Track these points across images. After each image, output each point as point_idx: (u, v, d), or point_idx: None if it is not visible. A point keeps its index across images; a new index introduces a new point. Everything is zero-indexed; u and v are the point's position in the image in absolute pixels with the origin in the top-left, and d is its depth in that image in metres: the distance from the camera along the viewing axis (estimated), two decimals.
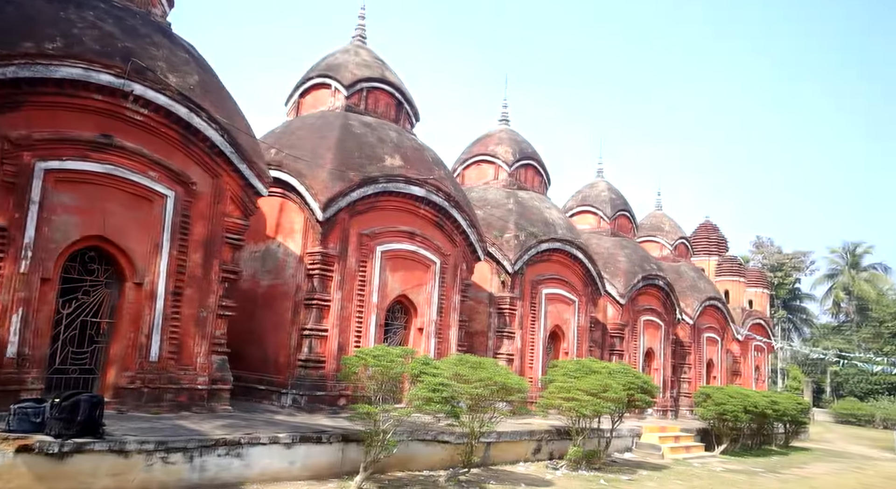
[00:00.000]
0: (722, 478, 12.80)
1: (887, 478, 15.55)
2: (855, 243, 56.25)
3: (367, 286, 11.64)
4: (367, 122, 12.97)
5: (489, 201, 16.24)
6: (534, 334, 15.33)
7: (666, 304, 20.68)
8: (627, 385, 12.25)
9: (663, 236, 24.98)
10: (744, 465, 15.27)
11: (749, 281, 28.87)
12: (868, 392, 45.15)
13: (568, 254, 16.20)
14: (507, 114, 18.88)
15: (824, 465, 17.36)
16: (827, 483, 13.85)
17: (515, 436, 11.69)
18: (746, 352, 26.87)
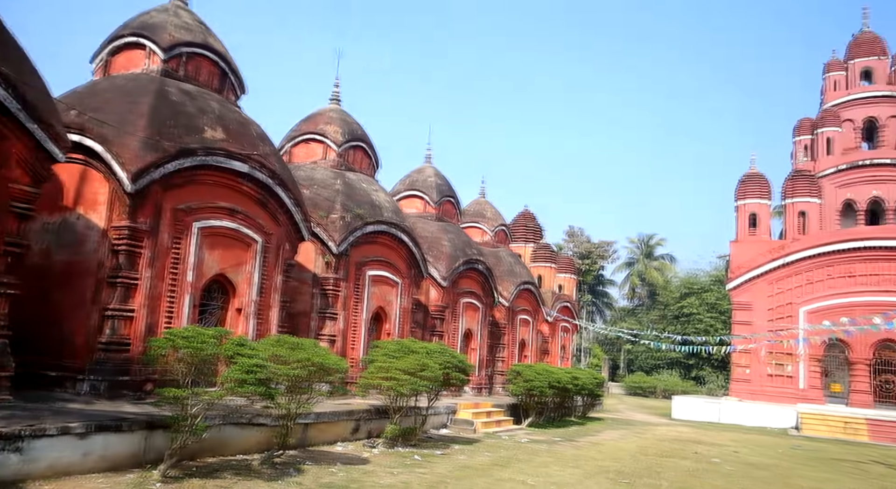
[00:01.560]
0: (526, 448, 13.90)
1: (659, 440, 17.87)
2: (649, 235, 63.38)
3: (182, 264, 10.98)
4: (186, 90, 12.14)
5: (316, 181, 16.00)
6: (357, 315, 15.44)
7: (485, 288, 21.83)
8: (444, 364, 12.82)
9: (485, 223, 26.28)
10: (546, 436, 16.68)
11: (560, 267, 31.34)
12: (654, 367, 51.28)
13: (394, 237, 16.49)
14: (338, 93, 18.66)
15: (612, 432, 19.51)
16: (612, 447, 15.59)
17: (334, 416, 11.76)
18: (555, 333, 29.23)
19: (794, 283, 28.12)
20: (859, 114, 32.04)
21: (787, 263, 28.19)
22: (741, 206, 30.57)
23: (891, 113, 31.39)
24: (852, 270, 27.15)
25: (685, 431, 21.35)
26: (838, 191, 30.61)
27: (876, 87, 32.12)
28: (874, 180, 30.06)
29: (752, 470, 13.30)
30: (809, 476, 13.14)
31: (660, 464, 12.95)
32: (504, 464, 11.45)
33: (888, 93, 31.61)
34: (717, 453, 15.71)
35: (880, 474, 14.30)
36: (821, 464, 15.36)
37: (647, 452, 14.90)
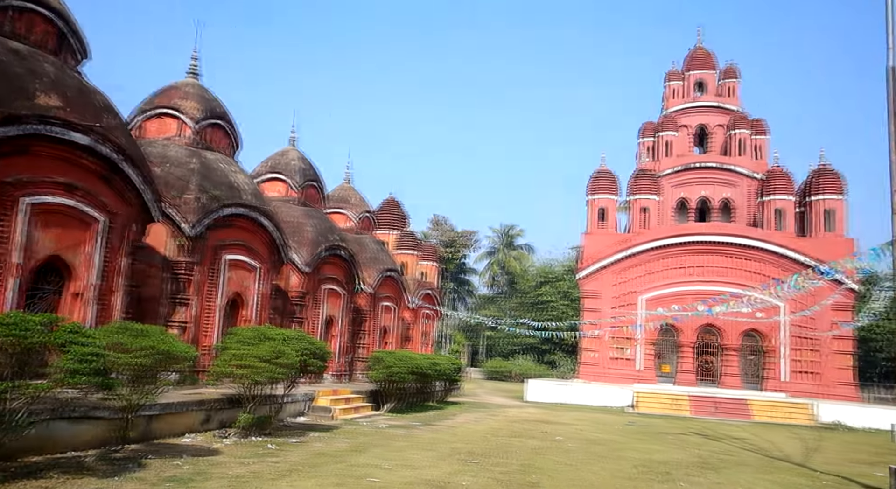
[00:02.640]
0: (384, 434, 14.07)
1: (511, 422, 18.82)
2: (509, 225, 66.04)
3: (8, 244, 9.90)
4: (15, 49, 10.90)
5: (170, 159, 15.07)
6: (212, 301, 14.79)
7: (348, 274, 21.72)
8: (302, 351, 12.64)
9: (350, 209, 26.10)
10: (405, 421, 16.99)
11: (423, 255, 31.86)
12: (511, 352, 53.69)
13: (253, 221, 15.94)
14: (197, 67, 17.64)
15: (469, 415, 20.26)
16: (467, 429, 16.21)
17: (182, 407, 11.22)
18: (417, 320, 29.72)
19: (636, 274, 30.65)
20: (693, 121, 35.47)
21: (630, 255, 30.64)
22: (592, 200, 32.73)
23: (718, 122, 35.06)
24: (684, 262, 30.08)
25: (536, 413, 22.61)
26: (674, 190, 33.76)
27: (706, 98, 35.69)
28: (703, 181, 33.52)
29: (591, 445, 14.39)
30: (639, 448, 14.46)
31: (509, 444, 13.65)
32: (361, 449, 11.54)
33: (715, 103, 35.26)
34: (562, 432, 16.81)
35: (696, 444, 16.05)
36: (649, 437, 16.93)
37: (498, 433, 15.63)
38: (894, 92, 11.49)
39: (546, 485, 9.36)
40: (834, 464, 13.78)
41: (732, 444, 16.34)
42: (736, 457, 14.02)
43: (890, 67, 11.60)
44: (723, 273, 29.53)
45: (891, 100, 11.65)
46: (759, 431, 20.34)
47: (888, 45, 11.50)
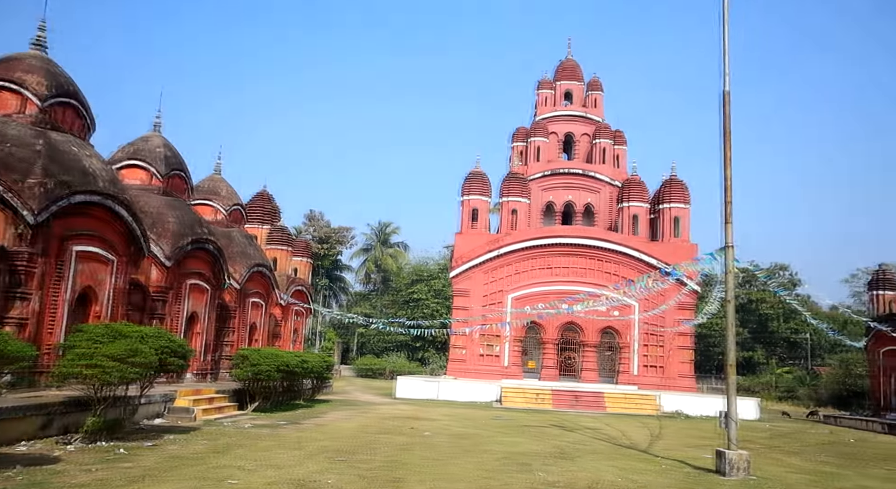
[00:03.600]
0: (248, 434, 13.63)
1: (381, 419, 18.91)
2: (386, 223, 66.12)
3: None
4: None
5: (10, 138, 13.64)
6: (58, 296, 13.58)
7: (214, 269, 20.78)
8: (161, 349, 11.95)
9: (219, 201, 24.98)
10: (271, 420, 16.55)
11: (296, 250, 31.14)
12: (384, 349, 53.77)
13: (108, 210, 14.81)
14: (44, 38, 16.08)
15: (338, 413, 20.09)
16: (335, 427, 16.08)
17: (16, 411, 10.24)
18: (288, 317, 29.01)
19: (505, 273, 31.82)
20: (561, 128, 37.42)
21: (499, 255, 31.75)
22: (465, 201, 33.57)
23: (583, 130, 37.24)
24: (550, 263, 31.65)
25: (405, 409, 22.83)
26: (543, 193, 35.43)
27: (574, 108, 37.80)
28: (569, 186, 35.48)
29: (457, 440, 14.79)
30: (503, 441, 15.06)
31: (377, 441, 13.72)
32: (222, 451, 11.12)
33: (581, 113, 37.45)
34: (430, 427, 17.13)
35: (555, 435, 16.99)
36: (513, 430, 17.68)
37: (367, 431, 15.65)
38: (726, 114, 12.82)
39: (410, 479, 9.52)
40: (672, 449, 15.13)
41: (587, 435, 17.44)
42: (589, 446, 14.99)
43: (723, 92, 12.92)
44: (584, 274, 31.40)
45: (725, 121, 12.98)
46: (612, 421, 21.85)
47: (722, 71, 12.80)
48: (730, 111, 13.00)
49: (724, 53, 13.05)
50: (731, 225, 13.00)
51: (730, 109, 13.00)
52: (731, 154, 12.98)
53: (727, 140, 13.00)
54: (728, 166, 12.95)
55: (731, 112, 12.96)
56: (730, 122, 12.99)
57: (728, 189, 12.94)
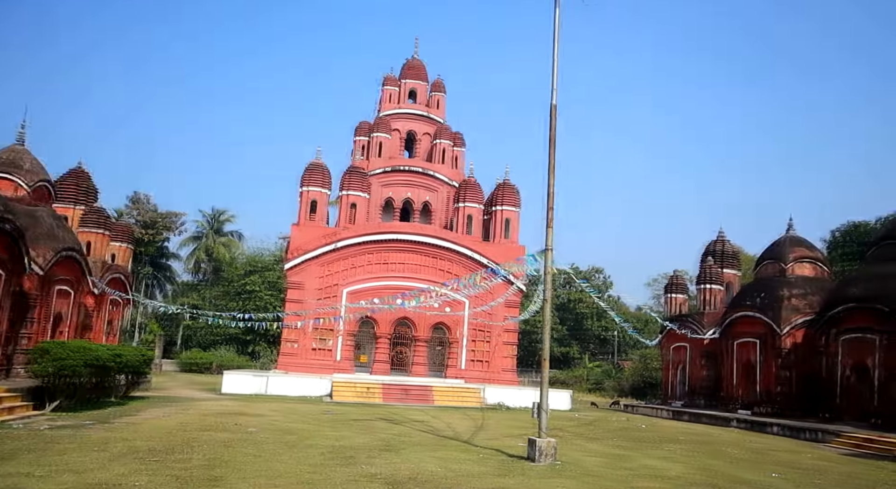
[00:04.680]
0: (43, 436, 12.38)
1: (203, 415, 18.02)
2: (221, 210, 62.78)
3: None
4: None
5: None
6: None
7: (13, 252, 18.48)
8: None
9: (22, 175, 22.31)
10: (75, 420, 15.15)
11: (115, 235, 28.66)
12: (212, 343, 51.08)
13: None
14: None
15: (155, 410, 18.85)
16: (150, 426, 15.10)
17: None
18: (102, 307, 26.62)
19: (342, 267, 31.69)
20: (404, 126, 38.02)
21: (336, 248, 31.57)
22: (305, 192, 32.93)
23: (425, 130, 38.14)
24: (386, 258, 32.04)
25: (231, 405, 21.97)
26: (383, 189, 35.76)
27: (417, 106, 38.56)
28: (409, 184, 36.16)
29: (284, 435, 14.55)
30: (330, 435, 15.07)
31: (197, 439, 13.11)
32: (8, 457, 10.01)
33: (424, 113, 38.32)
34: (256, 423, 16.67)
35: (382, 428, 17.32)
36: (341, 424, 17.73)
37: (186, 428, 14.88)
38: (553, 126, 13.89)
39: (231, 478, 9.26)
40: (492, 439, 16.08)
41: (413, 427, 17.97)
42: (414, 438, 15.48)
43: (552, 105, 13.97)
44: (419, 270, 32.17)
45: (552, 132, 14.03)
46: (439, 414, 22.67)
47: (552, 86, 13.84)
48: (556, 123, 14.07)
49: (553, 70, 14.08)
50: (552, 229, 14.08)
51: (556, 122, 14.06)
52: (555, 162, 14.04)
53: (552, 150, 14.06)
54: (552, 174, 14.01)
55: (556, 124, 14.03)
56: (555, 133, 14.06)
57: (551, 196, 14.00)
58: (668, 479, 11.66)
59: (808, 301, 27.41)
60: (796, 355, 26.92)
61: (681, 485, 11.09)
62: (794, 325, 27.04)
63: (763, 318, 27.91)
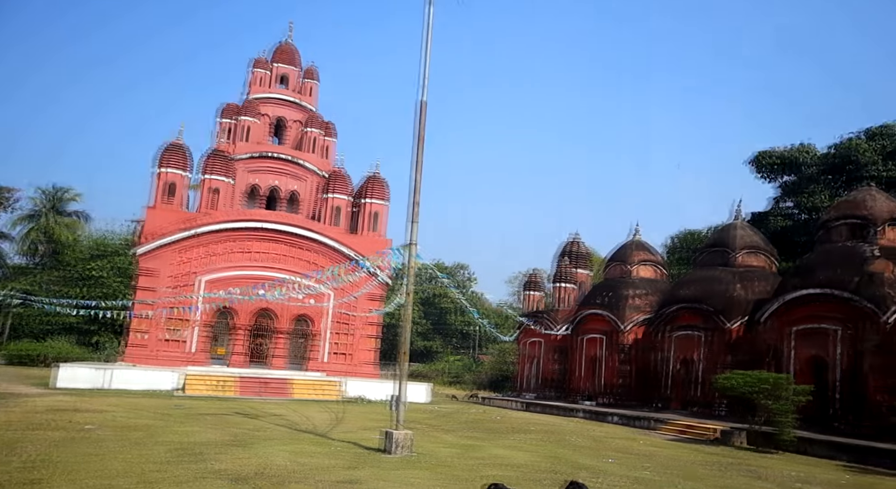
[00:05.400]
0: None
1: (31, 413, 16.40)
2: (63, 188, 57.12)
3: None
4: None
5: None
6: None
7: None
8: None
9: None
10: None
11: None
12: (47, 332, 46.49)
13: None
14: None
15: None
16: None
17: None
18: None
19: (199, 254, 30.14)
20: (273, 111, 36.79)
21: (195, 235, 29.96)
22: (162, 173, 30.92)
23: (296, 117, 37.16)
24: (249, 247, 30.90)
25: (66, 400, 20.21)
26: (248, 175, 34.41)
27: (288, 92, 37.46)
28: (276, 171, 35.07)
29: (127, 432, 13.66)
30: (178, 431, 14.35)
31: (22, 439, 11.96)
32: None
33: (295, 99, 37.30)
34: (95, 420, 15.48)
35: (235, 423, 16.75)
36: (192, 419, 16.92)
37: (10, 427, 13.52)
38: (422, 122, 14.13)
39: (55, 480, 8.57)
40: (349, 432, 16.10)
41: (268, 421, 17.54)
42: (268, 432, 15.13)
43: (421, 101, 14.20)
44: (283, 260, 31.34)
45: (420, 128, 14.26)
46: (296, 407, 22.28)
47: (420, 83, 14.07)
48: (425, 119, 14.30)
49: (423, 67, 14.30)
50: (416, 224, 14.32)
51: (425, 118, 14.29)
52: (422, 159, 14.28)
53: (420, 146, 14.28)
54: (418, 170, 14.23)
55: (426, 120, 14.26)
56: (424, 129, 14.29)
57: (416, 191, 14.23)
58: (515, 467, 12.31)
59: (647, 300, 29.97)
60: (635, 350, 29.36)
61: (526, 472, 11.76)
62: (635, 323, 29.48)
63: (608, 316, 30.14)
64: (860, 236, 22.30)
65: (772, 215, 35.19)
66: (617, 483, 11.20)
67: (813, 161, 34.90)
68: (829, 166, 33.90)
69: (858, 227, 22.54)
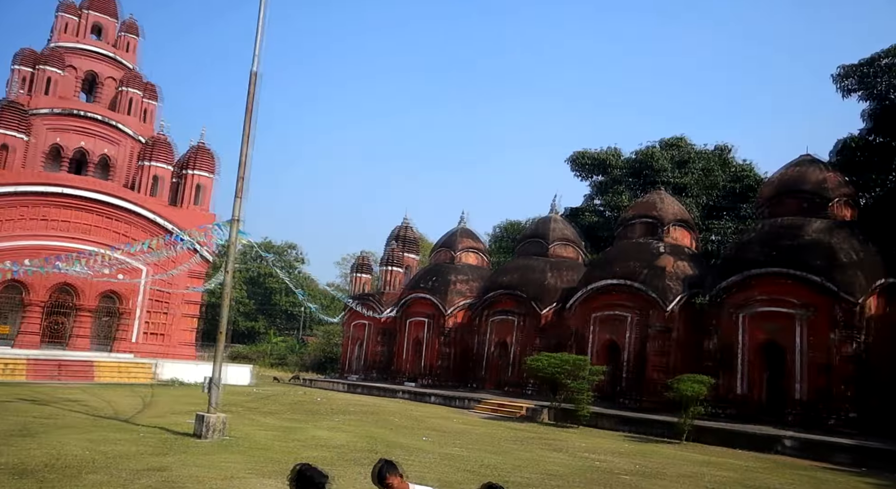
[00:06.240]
0: None
1: None
2: None
3: None
4: None
5: None
6: None
7: None
8: None
9: None
10: None
11: None
12: None
13: None
14: None
15: None
16: None
17: None
18: None
19: None
20: (84, 64, 32.96)
21: None
22: None
23: (111, 74, 33.61)
24: (48, 214, 27.59)
25: None
26: (49, 133, 30.56)
27: (102, 45, 33.73)
28: (85, 132, 31.47)
29: None
30: None
31: None
32: None
33: (111, 54, 33.66)
34: None
35: (23, 410, 14.97)
36: None
37: None
38: (252, 94, 13.57)
39: None
40: (158, 417, 15.16)
41: (63, 408, 15.96)
42: (62, 420, 13.78)
43: (253, 72, 13.63)
44: (92, 231, 28.39)
45: (250, 100, 13.69)
46: (99, 392, 20.49)
47: (254, 52, 13.50)
48: (255, 91, 13.72)
49: (258, 35, 13.70)
50: (241, 200, 13.78)
51: (255, 90, 13.71)
52: (251, 132, 13.71)
53: (249, 118, 13.70)
54: (247, 144, 13.66)
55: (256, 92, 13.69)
56: (254, 101, 13.71)
57: (244, 165, 13.66)
58: (333, 448, 12.41)
59: (470, 286, 31.47)
60: (457, 333, 30.75)
61: (344, 453, 11.91)
62: (458, 307, 30.84)
63: (433, 300, 31.21)
64: (652, 234, 25.20)
65: (585, 211, 38.40)
66: (429, 460, 11.74)
67: (619, 164, 38.59)
68: (632, 170, 37.70)
69: (651, 226, 25.43)
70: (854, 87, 25.75)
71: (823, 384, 18.34)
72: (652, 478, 11.44)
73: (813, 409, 18.31)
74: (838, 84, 26.07)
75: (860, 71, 25.40)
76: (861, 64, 25.50)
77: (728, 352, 20.27)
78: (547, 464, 12.30)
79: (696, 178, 35.46)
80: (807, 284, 19.01)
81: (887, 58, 24.94)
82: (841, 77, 26.00)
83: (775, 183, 22.89)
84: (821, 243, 19.45)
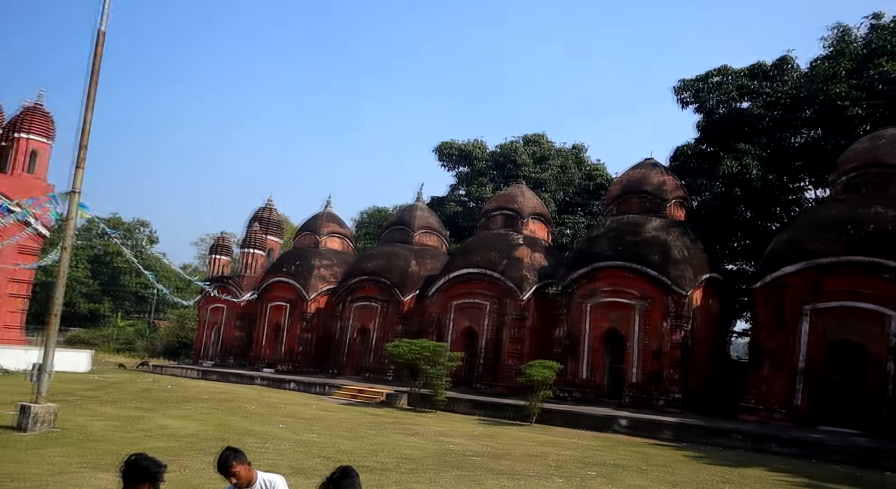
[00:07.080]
0: None
1: None
2: None
3: None
4: None
5: None
6: None
7: None
8: None
9: None
10: None
11: None
12: None
13: None
14: None
15: None
16: None
17: None
18: None
19: None
20: None
21: None
22: None
23: None
24: None
25: None
26: None
27: None
28: None
29: None
30: None
31: None
32: None
33: None
34: None
35: None
36: None
37: None
38: (97, 54, 12.47)
39: None
40: None
41: None
42: None
43: (99, 31, 12.53)
44: None
45: (97, 61, 12.57)
46: None
47: (102, 10, 12.40)
48: (102, 51, 12.61)
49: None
50: (82, 170, 12.67)
51: (101, 50, 12.60)
52: (95, 95, 12.61)
53: (94, 80, 12.59)
54: (89, 108, 12.56)
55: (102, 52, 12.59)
56: (99, 62, 12.61)
57: (85, 132, 12.56)
58: (180, 438, 11.83)
59: (333, 271, 31.10)
60: (318, 319, 30.29)
61: (193, 442, 11.40)
62: (320, 292, 30.38)
63: (295, 284, 30.51)
64: (511, 225, 26.28)
65: (449, 201, 39.16)
66: (283, 447, 11.54)
67: (483, 156, 39.74)
68: (495, 163, 38.99)
69: (511, 218, 26.51)
70: (690, 99, 28.25)
71: (655, 368, 20.14)
72: (500, 459, 12.02)
73: (646, 391, 20.07)
74: (678, 96, 28.50)
75: (696, 86, 27.90)
76: (697, 79, 28.01)
77: (575, 340, 21.66)
78: (402, 448, 12.53)
79: (554, 174, 37.37)
80: (645, 277, 20.71)
81: (718, 76, 27.62)
82: (680, 89, 28.41)
83: (622, 183, 24.67)
84: (657, 240, 21.26)
